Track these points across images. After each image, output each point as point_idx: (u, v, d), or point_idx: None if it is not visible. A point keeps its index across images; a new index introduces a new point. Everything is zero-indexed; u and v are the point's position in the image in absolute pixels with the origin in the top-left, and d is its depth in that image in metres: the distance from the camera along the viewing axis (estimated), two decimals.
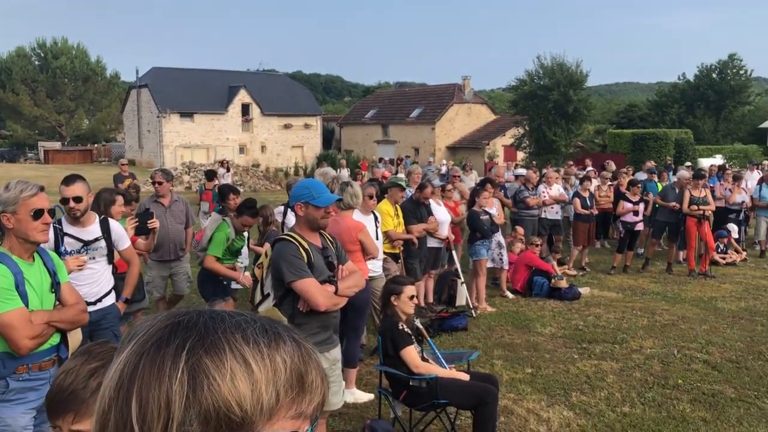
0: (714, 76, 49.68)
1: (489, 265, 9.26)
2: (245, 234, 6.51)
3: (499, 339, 7.49)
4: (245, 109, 48.60)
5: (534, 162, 27.71)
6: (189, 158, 40.55)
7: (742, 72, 49.74)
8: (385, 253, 7.38)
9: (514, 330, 7.87)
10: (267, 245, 4.83)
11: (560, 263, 11.15)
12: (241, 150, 48.06)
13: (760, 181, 13.63)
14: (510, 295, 9.60)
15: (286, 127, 50.12)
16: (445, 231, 8.56)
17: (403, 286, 4.54)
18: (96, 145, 55.81)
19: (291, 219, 6.61)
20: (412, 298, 4.53)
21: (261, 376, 0.71)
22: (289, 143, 50.27)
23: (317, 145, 51.65)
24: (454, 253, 9.32)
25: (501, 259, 9.46)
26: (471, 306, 8.71)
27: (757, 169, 17.69)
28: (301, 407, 0.75)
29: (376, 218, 6.44)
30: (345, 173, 21.72)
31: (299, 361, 0.75)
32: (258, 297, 3.75)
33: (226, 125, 47.60)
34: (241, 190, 31.68)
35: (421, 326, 4.72)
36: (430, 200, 8.36)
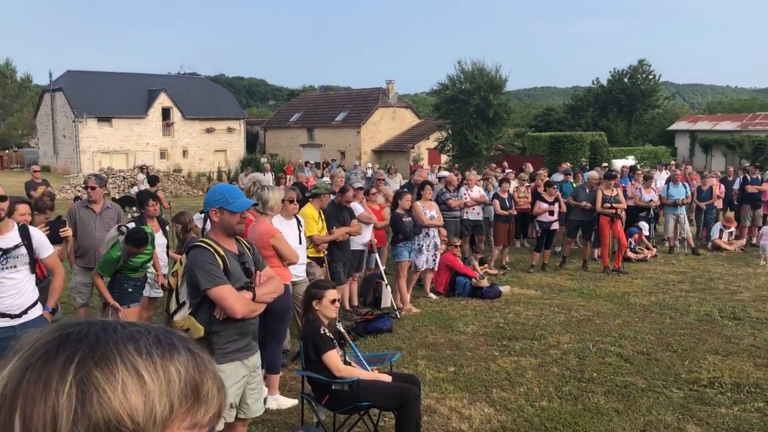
0: (625, 80, 51.98)
1: (425, 266, 9.37)
2: (156, 244, 6.36)
3: (423, 339, 7.58)
4: (166, 113, 47.35)
5: (456, 165, 28.21)
6: (107, 164, 39.21)
7: (651, 77, 52.24)
8: (309, 257, 7.36)
9: (437, 330, 7.98)
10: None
11: (482, 263, 11.40)
12: (162, 155, 46.81)
13: (668, 181, 14.35)
14: (433, 296, 9.74)
15: (209, 131, 49.15)
16: (367, 235, 8.64)
17: (324, 290, 4.54)
18: (7, 151, 53.07)
19: None
20: (334, 302, 4.53)
21: (154, 387, 0.70)
22: (211, 147, 49.32)
23: (241, 149, 50.87)
24: (376, 255, 9.38)
25: (434, 261, 9.57)
26: (396, 308, 8.79)
27: (666, 169, 18.59)
28: (197, 418, 0.74)
29: (299, 222, 6.40)
30: (269, 177, 21.47)
31: (194, 371, 0.74)
32: (173, 306, 3.67)
33: (145, 130, 46.25)
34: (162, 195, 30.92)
35: (343, 330, 4.73)
36: (355, 203, 8.40)
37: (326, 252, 7.54)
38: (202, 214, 7.58)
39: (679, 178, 14.13)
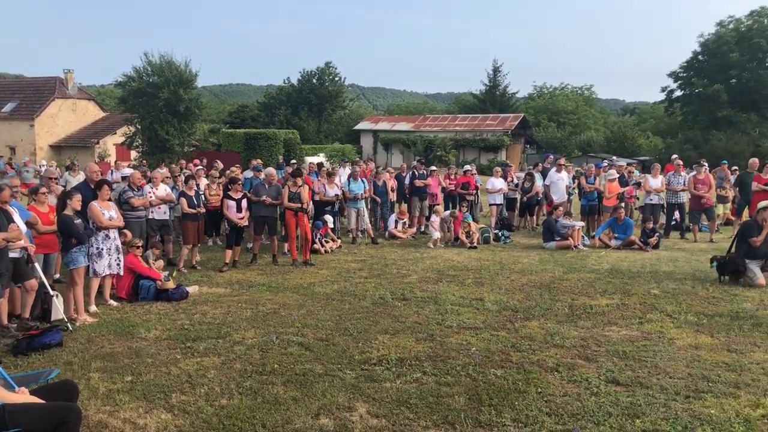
0: (314, 81, 54.69)
1: (108, 272, 8.68)
2: None
3: (98, 350, 7.01)
4: None
5: (145, 161, 26.88)
6: None
7: (337, 79, 55.76)
8: None
9: (115, 338, 7.46)
10: None
11: (171, 264, 10.99)
12: None
13: (349, 177, 15.39)
14: (113, 302, 9.10)
15: None
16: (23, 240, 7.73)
17: None
18: None
19: None
20: None
21: None
22: None
23: None
24: (36, 264, 8.43)
25: (119, 265, 8.89)
26: (68, 319, 8.01)
27: (350, 165, 19.93)
28: None
29: None
30: None
31: None
32: None
33: None
34: None
35: None
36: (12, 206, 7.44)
37: None
38: None
39: (359, 174, 15.24)
